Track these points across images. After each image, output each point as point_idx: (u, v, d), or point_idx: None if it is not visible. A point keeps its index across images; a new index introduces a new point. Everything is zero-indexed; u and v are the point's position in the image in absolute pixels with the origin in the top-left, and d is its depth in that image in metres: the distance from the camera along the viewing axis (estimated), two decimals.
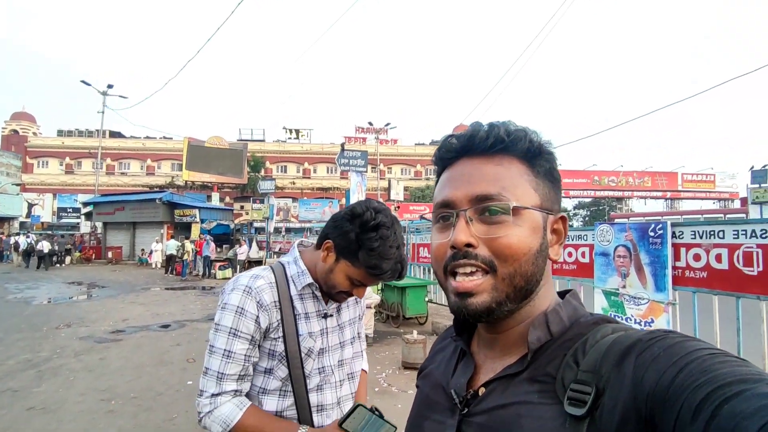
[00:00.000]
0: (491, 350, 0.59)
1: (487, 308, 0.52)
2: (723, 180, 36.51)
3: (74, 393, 4.41)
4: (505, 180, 0.54)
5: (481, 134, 0.56)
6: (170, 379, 4.82)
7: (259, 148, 40.25)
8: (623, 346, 0.46)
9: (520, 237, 0.52)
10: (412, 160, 43.20)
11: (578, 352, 0.49)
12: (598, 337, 0.49)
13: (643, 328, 0.52)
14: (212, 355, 1.10)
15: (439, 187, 0.60)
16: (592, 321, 0.54)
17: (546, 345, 0.53)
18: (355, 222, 1.11)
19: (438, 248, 0.56)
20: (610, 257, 4.87)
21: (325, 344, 1.21)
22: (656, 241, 4.34)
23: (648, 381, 0.41)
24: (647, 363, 0.42)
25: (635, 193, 36.66)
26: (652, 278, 4.38)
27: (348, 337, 1.29)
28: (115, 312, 9.02)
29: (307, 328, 1.17)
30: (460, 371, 0.61)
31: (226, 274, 16.00)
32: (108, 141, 37.61)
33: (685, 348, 0.41)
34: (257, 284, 1.13)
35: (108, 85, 26.05)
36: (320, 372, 1.20)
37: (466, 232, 0.52)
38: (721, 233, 3.82)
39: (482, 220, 0.53)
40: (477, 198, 0.54)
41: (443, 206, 0.57)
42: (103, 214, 24.29)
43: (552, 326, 0.53)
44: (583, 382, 0.46)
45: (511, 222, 0.52)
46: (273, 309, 1.12)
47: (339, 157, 11.85)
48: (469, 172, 0.56)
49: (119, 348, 6.20)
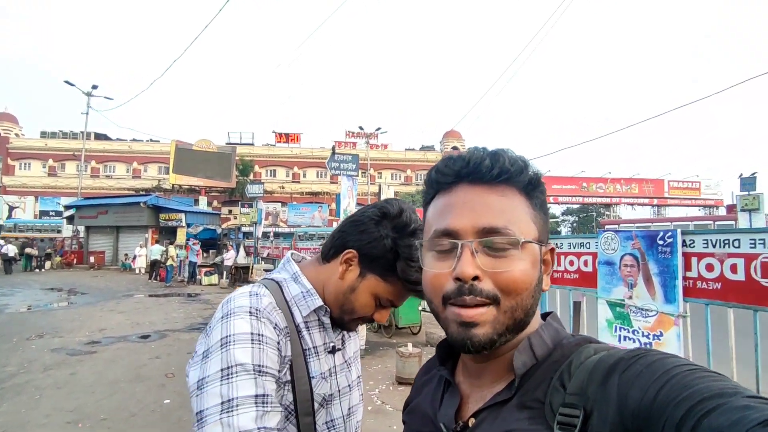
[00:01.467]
0: (478, 379, 0.58)
1: (490, 340, 0.51)
2: (708, 188, 37.07)
3: (38, 414, 4.03)
4: (510, 213, 0.54)
5: (487, 163, 0.54)
6: (146, 398, 4.46)
7: (248, 151, 39.75)
8: (607, 366, 0.47)
9: (523, 271, 0.52)
10: (402, 165, 43.06)
11: (564, 374, 0.50)
12: (582, 358, 0.50)
13: (625, 348, 0.51)
14: (235, 411, 0.68)
15: (436, 213, 0.57)
16: (574, 342, 0.54)
17: (532, 369, 0.52)
18: (388, 225, 0.85)
19: (436, 277, 0.54)
20: (616, 266, 4.64)
21: (335, 388, 0.91)
22: (666, 250, 4.13)
23: (632, 398, 0.42)
24: (631, 381, 0.43)
25: (623, 200, 37.03)
26: (661, 289, 4.17)
27: (355, 377, 1.00)
28: (93, 321, 8.58)
29: (318, 367, 0.87)
30: (447, 402, 0.59)
31: (212, 280, 15.57)
32: (93, 143, 36.81)
33: (666, 365, 0.43)
34: (263, 303, 0.80)
35: (92, 85, 25.48)
36: (329, 428, 0.89)
37: (472, 264, 0.51)
38: (737, 242, 3.62)
39: (487, 252, 0.52)
40: (483, 230, 0.52)
41: (445, 234, 0.54)
42: (85, 217, 23.66)
43: (536, 349, 0.54)
44: (571, 405, 0.46)
45: (515, 256, 0.52)
46: (288, 337, 0.82)
47: (330, 160, 11.57)
48: (472, 200, 0.54)
49: (93, 361, 5.80)
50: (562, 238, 5.49)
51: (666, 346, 4.09)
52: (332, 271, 0.88)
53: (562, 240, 5.39)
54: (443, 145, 43.54)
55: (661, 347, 4.13)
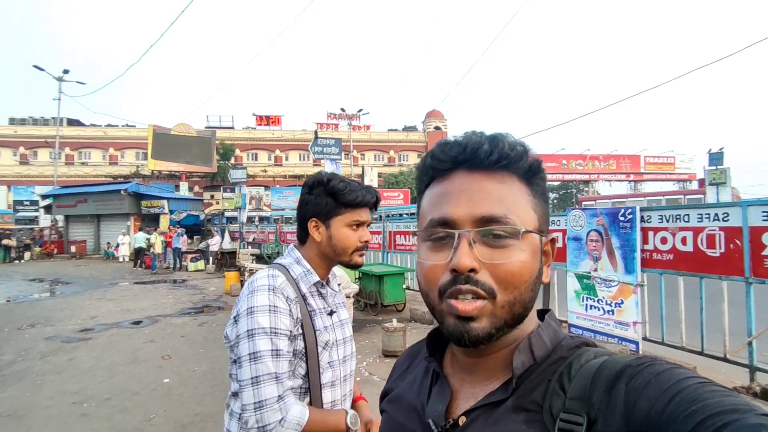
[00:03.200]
0: (470, 375, 0.56)
1: (488, 334, 0.49)
2: (682, 162, 38.18)
3: (43, 397, 4.23)
4: (509, 201, 0.51)
5: (485, 148, 0.52)
6: (146, 378, 4.70)
7: (228, 135, 39.09)
8: (612, 373, 0.45)
9: (523, 263, 0.50)
10: (385, 146, 43.00)
11: (563, 377, 0.48)
12: (582, 361, 0.48)
13: (626, 355, 0.51)
14: (257, 361, 1.04)
15: (432, 201, 0.55)
16: (573, 344, 0.53)
17: (529, 370, 0.51)
18: (315, 188, 1.23)
19: (432, 269, 0.52)
20: (583, 241, 5.02)
21: (333, 339, 1.24)
22: (626, 226, 4.50)
23: (640, 408, 0.40)
24: (639, 390, 0.42)
25: (601, 176, 37.90)
26: (622, 261, 4.55)
27: (348, 334, 1.32)
28: (83, 309, 8.68)
29: (321, 323, 1.20)
30: (436, 397, 0.57)
31: (198, 266, 15.65)
32: (66, 129, 35.63)
33: (676, 376, 0.41)
34: (278, 282, 1.14)
35: (64, 70, 24.67)
36: (330, 366, 1.20)
37: (470, 255, 0.49)
38: (686, 217, 3.99)
39: (485, 242, 0.50)
40: (482, 219, 0.50)
41: (441, 224, 0.52)
42: (64, 206, 23.24)
43: (535, 350, 0.52)
44: (572, 411, 0.45)
45: (515, 246, 0.50)
46: (297, 303, 1.15)
47: (313, 145, 11.67)
48: (469, 188, 0.52)
49: (89, 347, 5.98)
50: None
51: (626, 312, 4.50)
52: (313, 242, 1.24)
53: None
54: (425, 125, 43.55)
55: (622, 314, 4.55)
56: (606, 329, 4.72)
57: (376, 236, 9.67)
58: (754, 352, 3.54)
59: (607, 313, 4.75)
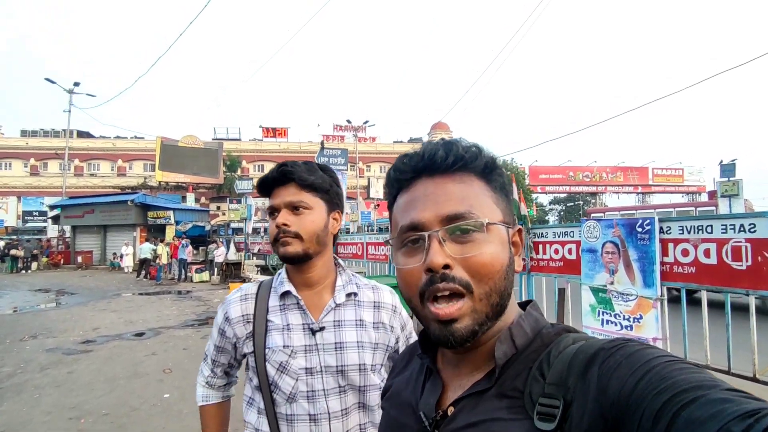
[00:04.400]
0: (458, 368, 0.58)
1: (472, 332, 0.51)
2: (691, 174, 37.82)
3: (40, 412, 4.09)
4: (471, 198, 0.54)
5: (441, 153, 0.55)
6: (145, 393, 4.55)
7: (235, 147, 39.41)
8: (586, 356, 0.47)
9: (493, 253, 0.52)
10: (390, 158, 43.01)
11: (543, 364, 0.50)
12: (560, 348, 0.50)
13: (605, 337, 0.59)
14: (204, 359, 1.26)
15: (400, 210, 0.58)
16: (554, 332, 0.54)
17: (512, 359, 0.53)
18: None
19: (409, 274, 0.54)
20: (598, 253, 4.84)
21: (315, 363, 1.05)
22: (644, 237, 4.33)
23: (611, 389, 0.42)
24: (610, 371, 0.43)
25: (608, 188, 37.60)
26: (640, 274, 4.37)
27: (352, 362, 1.07)
28: (85, 321, 8.58)
29: (282, 341, 1.05)
30: (428, 391, 0.59)
31: (203, 277, 15.56)
32: (75, 141, 36.10)
33: (645, 356, 0.43)
34: (232, 298, 1.14)
35: (74, 82, 25.05)
36: (309, 398, 1.03)
37: (441, 253, 0.51)
38: (709, 228, 3.82)
39: (454, 239, 0.52)
40: (447, 218, 0.53)
41: (411, 229, 0.55)
42: (71, 217, 23.31)
43: (516, 339, 0.54)
44: (550, 396, 0.47)
45: (483, 239, 0.52)
46: (240, 322, 1.10)
47: (319, 155, 11.62)
48: (433, 191, 0.55)
49: (89, 360, 5.85)
50: (547, 228, 5.68)
51: (645, 328, 4.30)
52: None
53: (548, 229, 5.58)
54: (431, 137, 43.64)
55: (641, 330, 4.35)
56: None
57: (383, 248, 9.53)
58: None
59: (624, 329, 4.55)
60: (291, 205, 1.05)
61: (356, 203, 22.08)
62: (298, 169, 1.07)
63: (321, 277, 1.11)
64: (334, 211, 1.13)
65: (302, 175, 1.06)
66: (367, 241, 10.22)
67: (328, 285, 1.13)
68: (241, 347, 1.12)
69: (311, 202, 1.07)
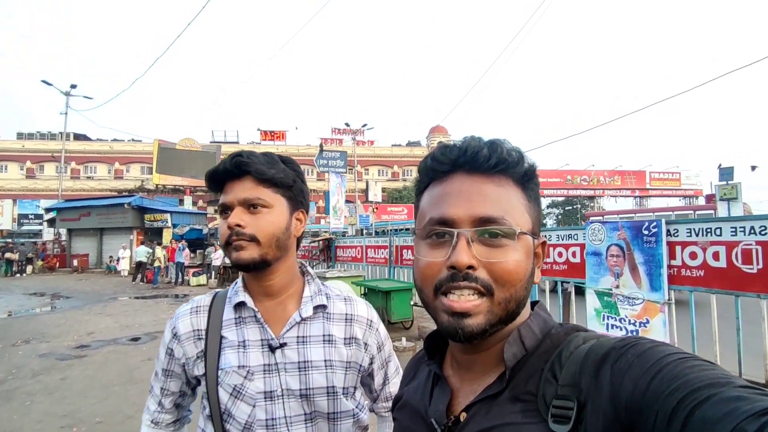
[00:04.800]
0: (469, 372, 0.58)
1: (483, 330, 0.51)
2: (688, 178, 37.93)
3: (30, 420, 3.97)
4: (506, 203, 0.53)
5: (485, 152, 0.54)
6: (140, 400, 4.42)
7: (233, 150, 39.18)
8: (598, 356, 0.46)
9: (518, 262, 0.52)
10: (389, 161, 43.08)
11: (555, 365, 0.49)
12: (571, 348, 0.50)
13: (615, 336, 0.50)
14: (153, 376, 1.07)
15: (432, 201, 0.57)
16: (563, 332, 0.54)
17: (522, 360, 0.52)
18: None
19: (430, 266, 0.54)
20: (603, 257, 4.76)
21: (275, 386, 0.90)
22: (650, 240, 4.25)
23: (624, 389, 0.42)
24: (623, 371, 0.43)
25: (606, 192, 37.65)
26: (647, 277, 4.28)
27: (319, 384, 0.92)
28: (80, 325, 8.44)
29: (237, 360, 0.89)
30: (437, 397, 0.59)
31: (201, 281, 15.41)
32: (72, 144, 35.96)
33: (657, 354, 0.42)
34: (181, 311, 0.98)
35: (71, 85, 24.89)
36: (269, 427, 0.89)
37: (468, 253, 0.51)
38: (718, 230, 3.74)
39: (482, 242, 0.52)
40: (480, 219, 0.52)
41: (440, 223, 0.54)
42: (67, 220, 23.13)
43: (526, 341, 0.53)
44: (564, 397, 0.46)
45: (511, 246, 0.52)
46: (190, 339, 0.94)
47: (318, 158, 11.55)
48: (468, 189, 0.54)
49: (83, 366, 5.72)
50: (550, 230, 5.59)
51: (652, 332, 4.21)
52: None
53: (551, 232, 5.49)
54: (429, 140, 43.68)
55: (648, 334, 4.26)
56: None
57: (382, 251, 9.44)
58: None
59: (630, 333, 4.46)
60: (246, 203, 0.89)
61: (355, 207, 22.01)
62: (255, 160, 0.90)
63: (283, 285, 0.96)
64: (297, 210, 0.97)
65: (260, 168, 0.89)
66: (366, 244, 10.12)
67: (293, 295, 0.97)
68: (191, 369, 0.94)
69: (271, 200, 0.91)
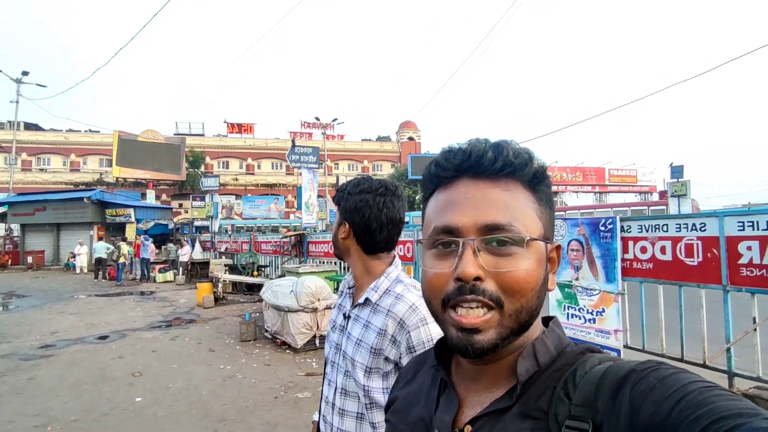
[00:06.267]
0: (475, 383, 0.55)
1: (493, 345, 0.49)
2: (644, 175, 39.99)
3: (0, 421, 3.90)
4: (514, 208, 0.51)
5: (489, 156, 0.52)
6: (115, 397, 4.42)
7: (198, 142, 38.19)
8: (617, 378, 0.45)
9: (528, 270, 0.49)
10: (359, 156, 43.06)
11: (568, 384, 0.48)
12: (587, 368, 0.48)
13: (630, 359, 0.52)
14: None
15: (436, 209, 0.55)
16: (578, 351, 0.52)
17: (534, 376, 0.51)
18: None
19: (436, 278, 0.52)
20: (564, 251, 5.09)
21: (342, 342, 1.23)
22: (607, 235, 4.60)
23: (645, 413, 0.40)
24: (644, 394, 0.42)
25: (568, 188, 39.15)
26: (603, 270, 4.64)
27: (350, 353, 1.17)
28: (42, 324, 8.16)
29: (335, 315, 1.32)
30: (444, 407, 0.56)
31: (167, 277, 15.05)
32: (23, 134, 33.90)
33: (680, 380, 0.41)
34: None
35: (23, 72, 23.47)
36: (332, 365, 1.25)
37: (474, 264, 0.49)
38: (665, 227, 4.11)
39: (490, 250, 0.50)
40: (486, 227, 0.50)
41: (445, 232, 0.52)
42: (20, 215, 21.92)
43: (540, 356, 0.52)
44: (578, 418, 0.45)
45: (520, 254, 0.49)
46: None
47: (290, 153, 11.49)
48: (474, 196, 0.52)
49: (50, 365, 5.59)
50: None
51: (607, 321, 4.58)
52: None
53: None
54: (399, 135, 43.93)
55: (603, 323, 4.63)
56: (587, 337, 4.78)
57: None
58: (732, 359, 3.66)
59: (588, 322, 4.82)
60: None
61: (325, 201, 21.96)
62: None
63: (358, 276, 1.29)
64: (343, 222, 1.30)
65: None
66: None
67: (366, 284, 1.27)
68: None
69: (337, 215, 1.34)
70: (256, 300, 10.22)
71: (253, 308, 9.18)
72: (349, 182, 1.32)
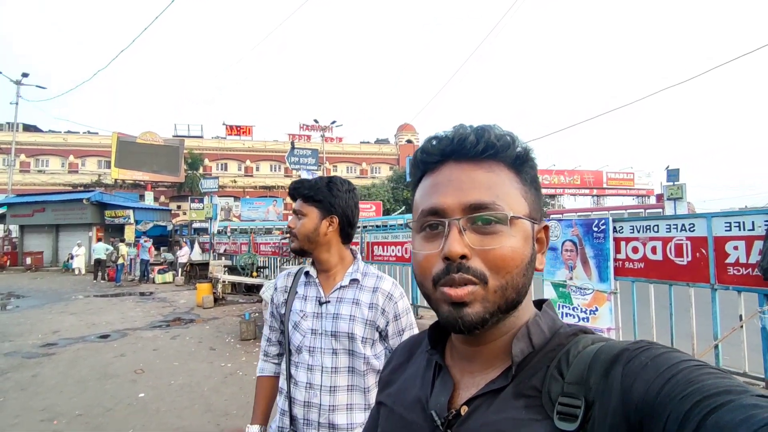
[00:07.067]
0: (470, 364, 0.57)
1: (482, 319, 0.50)
2: (640, 178, 40.19)
3: (7, 415, 3.99)
4: (498, 188, 0.52)
5: (471, 138, 0.53)
6: (119, 393, 4.50)
7: (197, 144, 38.26)
8: (609, 356, 0.46)
9: (513, 248, 0.51)
10: (357, 159, 43.16)
11: (561, 363, 0.49)
12: (579, 347, 0.49)
13: (622, 340, 0.56)
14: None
15: (423, 193, 0.56)
16: (571, 332, 0.53)
17: (528, 357, 0.52)
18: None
19: (426, 259, 0.53)
20: (558, 251, 5.21)
21: (319, 326, 1.33)
22: (600, 236, 4.72)
23: (636, 390, 0.41)
24: (635, 372, 0.43)
25: (566, 191, 39.33)
26: (596, 270, 4.76)
27: (343, 330, 1.32)
28: (43, 324, 8.22)
29: (300, 306, 1.38)
30: (439, 388, 0.57)
31: (167, 278, 15.12)
32: (21, 135, 33.88)
33: (672, 359, 0.42)
34: (280, 274, 1.54)
35: (23, 73, 23.56)
36: (310, 351, 1.33)
37: (460, 242, 0.50)
38: (656, 228, 4.23)
39: (475, 229, 0.51)
40: (471, 206, 0.51)
41: (432, 214, 0.53)
42: (19, 216, 21.95)
43: (534, 338, 0.53)
44: (570, 395, 0.46)
45: (505, 232, 0.51)
46: (282, 292, 1.45)
47: (289, 155, 11.61)
48: (458, 178, 0.53)
49: (53, 363, 5.67)
50: None
51: (600, 319, 4.69)
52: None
53: None
54: (398, 138, 44.08)
55: (596, 321, 4.74)
56: None
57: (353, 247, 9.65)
58: (720, 355, 3.77)
59: (582, 320, 4.93)
60: (295, 212, 1.42)
61: None
62: (300, 186, 1.42)
63: (332, 265, 1.41)
64: (329, 216, 1.39)
65: (303, 191, 1.41)
66: None
67: (341, 270, 1.41)
68: (279, 310, 1.45)
69: (306, 210, 1.39)
70: (255, 300, 10.31)
71: (252, 308, 9.26)
72: (320, 179, 1.42)
